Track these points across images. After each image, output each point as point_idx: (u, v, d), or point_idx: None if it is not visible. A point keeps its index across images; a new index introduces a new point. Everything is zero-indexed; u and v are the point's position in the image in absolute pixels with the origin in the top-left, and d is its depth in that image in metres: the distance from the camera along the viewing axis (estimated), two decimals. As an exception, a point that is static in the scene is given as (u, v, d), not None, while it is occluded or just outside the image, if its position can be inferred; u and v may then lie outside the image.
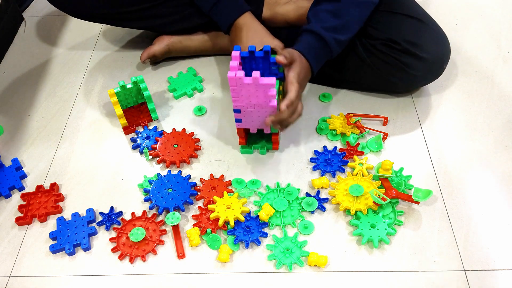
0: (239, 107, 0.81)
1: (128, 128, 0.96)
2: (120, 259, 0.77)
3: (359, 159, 0.87)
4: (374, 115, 0.95)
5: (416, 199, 0.78)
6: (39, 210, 0.84)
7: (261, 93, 0.77)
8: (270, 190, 0.84)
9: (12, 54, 1.21)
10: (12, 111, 1.05)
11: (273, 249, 0.76)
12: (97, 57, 1.16)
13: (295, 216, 0.80)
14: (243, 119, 0.83)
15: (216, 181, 0.86)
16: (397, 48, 0.88)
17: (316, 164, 0.87)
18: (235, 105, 0.80)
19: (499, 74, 1.03)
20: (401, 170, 0.84)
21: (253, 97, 0.78)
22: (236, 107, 0.81)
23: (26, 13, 1.34)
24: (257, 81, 0.75)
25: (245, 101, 0.79)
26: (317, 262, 0.73)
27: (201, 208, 0.82)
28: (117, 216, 0.83)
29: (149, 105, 0.95)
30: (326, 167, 0.86)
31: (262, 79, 0.75)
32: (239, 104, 0.80)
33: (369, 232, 0.76)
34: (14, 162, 0.92)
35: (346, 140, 0.90)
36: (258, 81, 0.75)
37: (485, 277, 0.72)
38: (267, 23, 1.02)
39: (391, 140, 0.91)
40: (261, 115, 0.81)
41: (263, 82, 0.75)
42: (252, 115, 0.82)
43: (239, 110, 0.81)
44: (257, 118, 0.82)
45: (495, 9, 1.19)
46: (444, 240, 0.76)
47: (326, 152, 0.89)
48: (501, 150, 0.88)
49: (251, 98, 0.78)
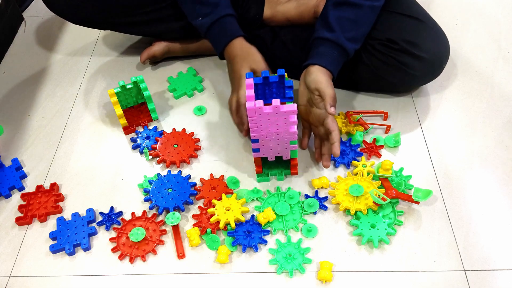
0: (258, 137, 0.77)
1: (128, 128, 0.96)
2: (120, 259, 0.77)
3: (365, 160, 0.87)
4: (374, 110, 0.95)
5: (416, 199, 0.78)
6: (39, 210, 0.84)
7: (281, 121, 0.73)
8: (271, 195, 0.83)
9: (12, 54, 1.21)
10: (12, 111, 1.05)
11: (276, 254, 0.76)
12: (97, 57, 1.16)
13: (297, 220, 0.80)
14: (261, 148, 0.79)
15: (216, 181, 0.86)
16: (396, 48, 0.88)
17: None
18: (253, 135, 0.76)
19: (499, 74, 1.03)
20: (401, 170, 0.84)
21: (273, 126, 0.74)
22: (254, 137, 0.77)
23: (26, 13, 1.34)
24: (278, 109, 0.71)
25: (264, 131, 0.75)
26: (326, 278, 0.72)
27: (201, 208, 0.82)
28: (117, 216, 0.83)
29: (149, 105, 0.95)
30: (339, 157, 0.87)
31: (283, 106, 0.71)
32: (257, 134, 0.76)
33: (369, 232, 0.76)
34: (14, 162, 0.92)
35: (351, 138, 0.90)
36: (279, 109, 0.71)
37: (485, 277, 0.72)
38: (268, 22, 1.02)
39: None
40: (280, 142, 0.78)
41: (284, 109, 0.71)
42: (270, 144, 0.78)
43: (257, 140, 0.77)
44: (275, 145, 0.78)
45: (495, 9, 1.19)
46: (444, 240, 0.76)
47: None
48: (501, 150, 0.88)
49: (271, 126, 0.74)
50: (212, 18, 0.90)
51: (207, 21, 0.91)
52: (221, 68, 1.09)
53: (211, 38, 0.93)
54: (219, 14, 0.90)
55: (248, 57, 0.89)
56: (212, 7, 0.90)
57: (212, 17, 0.90)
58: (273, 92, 0.81)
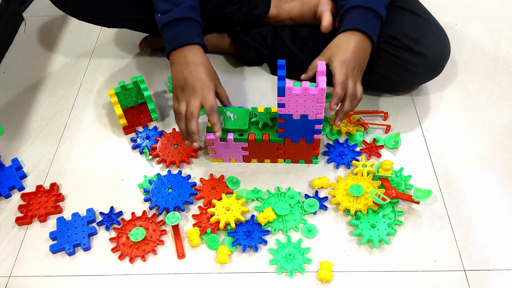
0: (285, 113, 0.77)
1: (128, 128, 0.96)
2: (120, 259, 0.77)
3: (365, 160, 0.87)
4: (374, 110, 0.95)
5: (416, 199, 0.78)
6: (39, 210, 0.84)
7: (309, 102, 0.75)
8: (271, 195, 0.83)
9: (12, 54, 1.21)
10: (12, 111, 1.05)
11: (276, 254, 0.76)
12: (97, 57, 1.16)
13: (297, 220, 0.80)
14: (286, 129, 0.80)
15: (216, 181, 0.86)
16: (398, 45, 0.87)
17: (329, 157, 0.87)
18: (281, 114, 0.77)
19: (499, 74, 1.03)
20: (401, 170, 0.84)
21: (300, 107, 0.76)
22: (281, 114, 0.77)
23: (26, 13, 1.34)
24: (307, 91, 0.73)
25: (292, 111, 0.76)
26: (326, 278, 0.72)
27: (201, 208, 0.82)
28: (117, 216, 0.83)
29: (149, 105, 0.94)
30: (339, 158, 0.87)
31: (312, 89, 0.73)
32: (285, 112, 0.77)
33: (369, 232, 0.76)
34: (14, 162, 0.92)
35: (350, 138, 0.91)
36: (308, 91, 0.73)
37: (485, 277, 0.72)
38: (273, 21, 1.02)
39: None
40: (306, 124, 0.79)
41: (312, 92, 0.73)
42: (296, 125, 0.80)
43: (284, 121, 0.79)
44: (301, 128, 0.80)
45: (495, 9, 1.19)
46: (444, 240, 0.76)
47: (337, 145, 0.89)
48: (501, 150, 0.88)
49: (298, 108, 0.76)
50: (168, 18, 0.84)
51: (163, 18, 0.85)
52: (221, 68, 1.09)
53: (166, 36, 0.86)
54: (179, 14, 0.84)
55: (210, 69, 0.85)
56: (172, 5, 0.85)
57: (169, 16, 0.84)
58: None
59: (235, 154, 0.87)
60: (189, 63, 0.83)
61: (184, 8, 0.84)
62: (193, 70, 0.82)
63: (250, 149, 0.84)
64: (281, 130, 0.81)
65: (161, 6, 0.85)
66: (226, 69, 1.09)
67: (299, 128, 0.80)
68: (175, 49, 0.84)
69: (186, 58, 0.83)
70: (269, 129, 0.83)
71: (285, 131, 0.81)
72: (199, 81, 0.81)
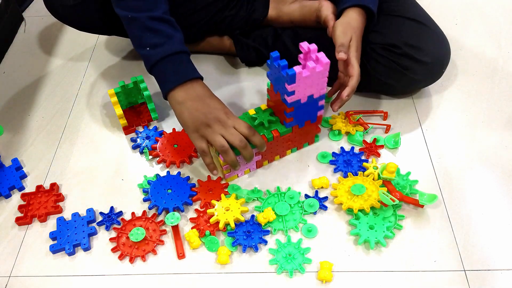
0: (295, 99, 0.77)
1: (128, 128, 0.96)
2: (120, 259, 0.77)
3: (375, 161, 0.86)
4: (374, 110, 0.95)
5: (421, 203, 0.78)
6: (39, 210, 0.84)
7: (315, 80, 0.75)
8: (271, 195, 0.83)
9: (12, 54, 1.21)
10: (12, 111, 1.05)
11: (276, 254, 0.76)
12: (97, 57, 1.16)
13: (297, 220, 0.80)
14: (295, 116, 0.81)
15: (213, 183, 0.86)
16: (398, 52, 0.87)
17: (336, 166, 0.87)
18: (291, 102, 0.76)
19: (499, 74, 1.03)
20: (408, 174, 0.83)
21: (308, 88, 0.76)
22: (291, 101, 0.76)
23: (26, 13, 1.34)
24: (314, 70, 0.73)
25: (302, 94, 0.76)
26: (326, 278, 0.72)
27: (198, 211, 0.82)
28: (117, 216, 0.83)
29: (149, 105, 0.94)
30: (347, 167, 0.86)
31: (318, 66, 0.73)
32: (295, 99, 0.76)
33: (366, 233, 0.76)
34: (14, 162, 0.92)
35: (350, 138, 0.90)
36: (315, 70, 0.73)
37: (485, 277, 0.72)
38: (273, 23, 1.02)
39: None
40: (311, 105, 0.80)
41: (318, 70, 0.73)
42: (303, 109, 0.80)
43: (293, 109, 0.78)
44: (306, 110, 0.81)
45: (495, 9, 1.19)
46: (444, 240, 0.76)
47: (344, 153, 0.89)
48: (501, 150, 0.88)
49: (307, 90, 0.76)
50: (165, 51, 0.77)
51: (157, 52, 0.77)
52: (221, 69, 1.09)
53: (160, 73, 0.79)
54: (175, 47, 0.78)
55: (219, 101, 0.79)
56: (165, 38, 0.77)
57: (165, 49, 0.77)
58: None
59: (249, 164, 0.86)
60: (202, 97, 0.77)
61: (179, 41, 0.79)
62: (210, 103, 0.77)
63: (263, 152, 0.84)
64: (290, 119, 0.81)
65: (149, 40, 0.77)
66: (226, 70, 1.09)
67: (305, 111, 0.80)
68: (179, 86, 0.77)
69: (197, 92, 0.78)
70: (274, 125, 0.83)
71: (294, 119, 0.81)
72: (222, 111, 0.77)
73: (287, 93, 0.75)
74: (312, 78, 0.74)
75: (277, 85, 0.77)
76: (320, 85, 0.77)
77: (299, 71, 0.72)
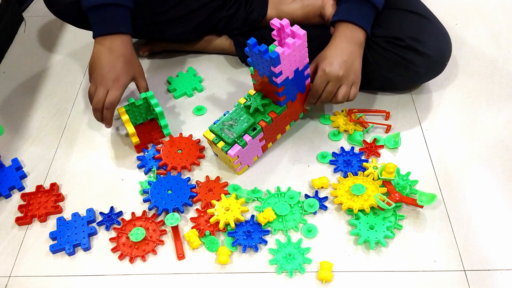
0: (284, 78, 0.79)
1: (140, 146, 0.92)
2: (120, 259, 0.77)
3: (375, 161, 0.86)
4: (377, 109, 0.95)
5: (420, 203, 0.78)
6: (39, 210, 0.84)
7: (298, 55, 0.77)
8: (271, 195, 0.83)
9: (12, 54, 1.21)
10: (12, 111, 1.05)
11: (276, 254, 0.76)
12: (97, 57, 1.16)
13: (297, 220, 0.80)
14: (287, 94, 0.83)
15: (213, 183, 0.86)
16: (401, 44, 0.87)
17: (336, 166, 0.87)
18: (281, 82, 0.78)
19: (499, 74, 1.03)
20: (408, 175, 0.83)
21: (293, 64, 0.78)
22: (281, 81, 0.78)
23: (26, 13, 1.34)
24: (294, 45, 0.75)
25: (288, 71, 0.78)
26: (326, 278, 0.72)
27: (199, 211, 0.82)
28: (117, 216, 0.83)
29: (162, 121, 0.90)
30: (347, 167, 0.86)
31: (297, 40, 0.75)
32: (283, 77, 0.78)
33: (366, 233, 0.76)
34: (14, 162, 0.92)
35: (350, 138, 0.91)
36: (295, 44, 0.75)
37: (485, 277, 0.72)
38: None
39: (391, 140, 0.91)
40: (298, 78, 0.82)
41: (297, 44, 0.75)
42: (293, 84, 0.82)
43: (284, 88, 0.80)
44: (295, 84, 0.83)
45: (495, 9, 1.19)
46: (444, 240, 0.76)
47: (344, 153, 0.88)
48: (501, 150, 0.88)
49: (292, 65, 0.78)
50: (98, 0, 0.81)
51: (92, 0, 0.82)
52: (221, 69, 1.09)
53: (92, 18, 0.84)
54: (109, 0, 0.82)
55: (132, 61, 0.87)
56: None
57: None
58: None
59: (255, 151, 0.87)
60: (112, 52, 0.84)
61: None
62: (113, 59, 0.84)
63: (265, 135, 0.85)
64: (283, 98, 0.82)
65: None
66: (226, 69, 1.09)
67: (294, 84, 0.82)
68: (101, 36, 0.85)
69: (111, 46, 0.84)
70: (268, 107, 0.84)
71: (286, 96, 0.82)
72: (113, 73, 0.83)
73: (275, 75, 0.76)
74: (294, 53, 0.76)
75: (262, 70, 0.79)
76: (302, 56, 0.78)
77: (281, 51, 0.73)
